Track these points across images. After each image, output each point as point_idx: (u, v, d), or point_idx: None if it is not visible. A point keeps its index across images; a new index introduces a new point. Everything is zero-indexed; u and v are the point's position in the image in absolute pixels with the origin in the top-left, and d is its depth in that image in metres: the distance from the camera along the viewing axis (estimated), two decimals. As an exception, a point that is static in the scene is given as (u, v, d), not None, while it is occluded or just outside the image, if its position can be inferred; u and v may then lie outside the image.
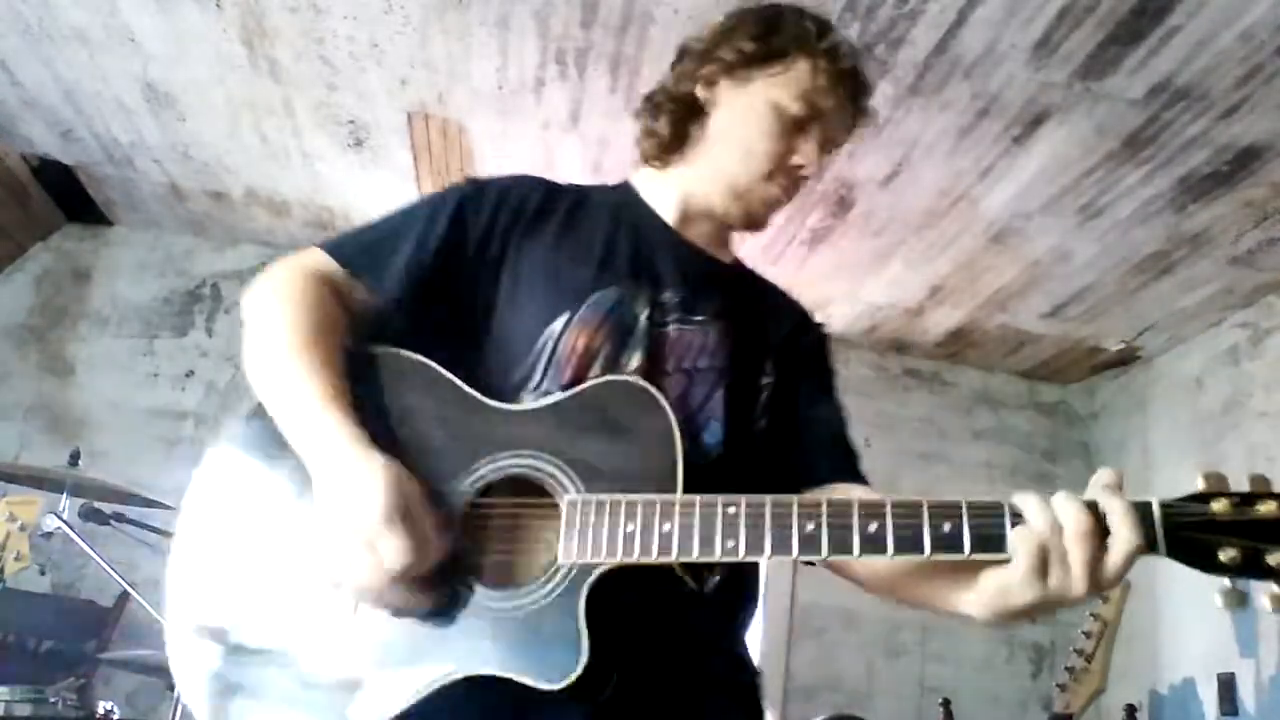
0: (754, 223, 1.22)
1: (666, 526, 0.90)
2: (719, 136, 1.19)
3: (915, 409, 4.12)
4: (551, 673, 0.88)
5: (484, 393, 1.03)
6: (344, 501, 0.93)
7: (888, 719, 3.71)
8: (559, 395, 1.02)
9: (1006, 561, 0.84)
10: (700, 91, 1.20)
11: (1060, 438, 4.22)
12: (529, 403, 1.03)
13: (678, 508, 0.91)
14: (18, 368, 3.63)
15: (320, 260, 1.12)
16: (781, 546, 0.88)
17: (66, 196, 3.59)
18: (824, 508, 0.88)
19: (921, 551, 0.84)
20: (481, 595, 0.95)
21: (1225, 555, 0.87)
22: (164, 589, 1.04)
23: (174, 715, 2.28)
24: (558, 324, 1.06)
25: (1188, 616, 3.49)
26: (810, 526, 0.88)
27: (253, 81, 2.79)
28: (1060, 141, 2.65)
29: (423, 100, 2.82)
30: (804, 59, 1.16)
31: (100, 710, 2.31)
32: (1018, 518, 0.84)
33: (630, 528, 0.91)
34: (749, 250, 1.32)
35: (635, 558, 0.90)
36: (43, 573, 2.93)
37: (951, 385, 4.19)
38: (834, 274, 3.56)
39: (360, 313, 1.11)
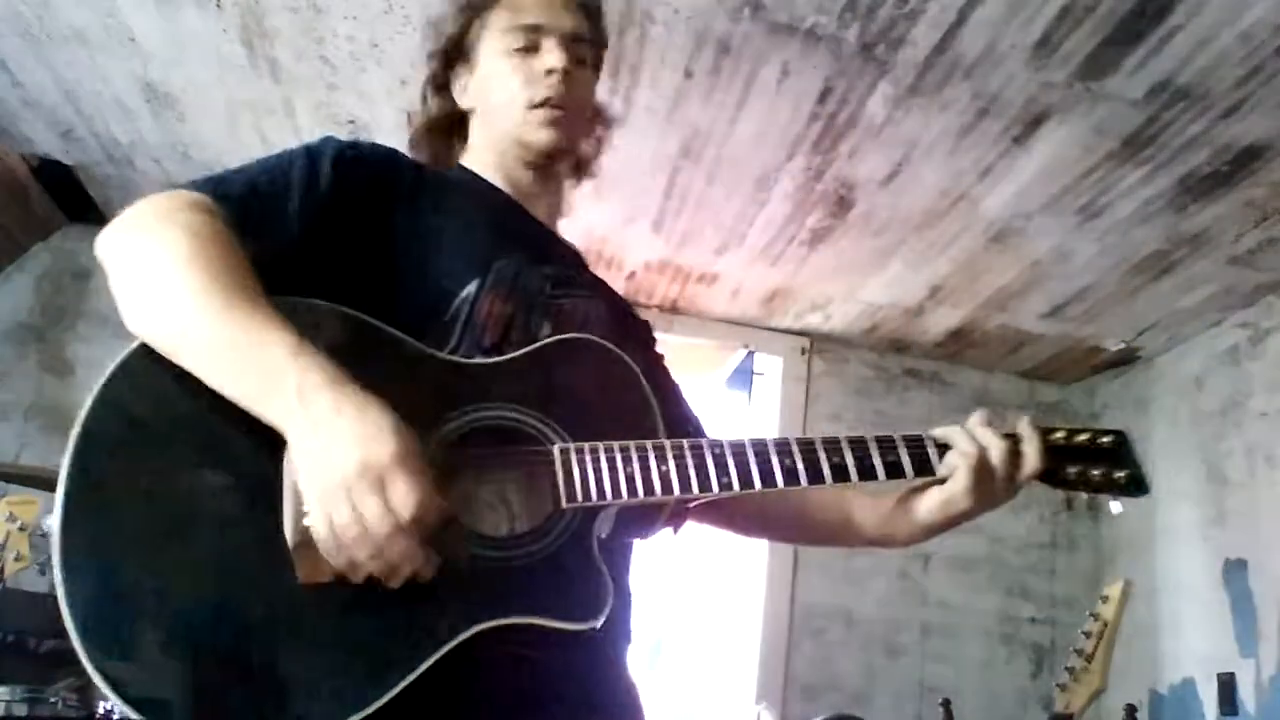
0: (552, 153, 1.24)
1: (663, 467, 0.97)
2: (483, 116, 1.27)
3: (915, 409, 4.12)
4: (584, 613, 0.90)
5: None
6: (342, 443, 0.81)
7: (888, 719, 3.71)
8: (515, 353, 1.01)
9: (939, 482, 1.11)
10: (456, 96, 1.29)
11: (1060, 438, 4.21)
12: (482, 359, 1.01)
13: (669, 450, 0.98)
14: (18, 368, 3.63)
15: (201, 200, 0.99)
16: (769, 479, 1.00)
17: (66, 196, 3.59)
18: (793, 444, 1.02)
19: (876, 477, 1.05)
20: (478, 547, 0.91)
21: (1067, 473, 1.15)
22: (68, 603, 0.82)
23: (174, 715, 2.27)
24: (470, 288, 1.06)
25: (1188, 616, 3.50)
26: (787, 461, 1.01)
27: (253, 81, 2.79)
28: (1060, 141, 2.65)
29: (423, 100, 2.82)
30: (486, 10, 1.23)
31: (100, 710, 2.30)
32: (943, 447, 1.11)
33: (629, 470, 0.96)
34: (751, 250, 1.33)
35: (640, 496, 0.95)
36: (43, 573, 2.92)
37: (951, 385, 4.19)
38: (834, 274, 3.56)
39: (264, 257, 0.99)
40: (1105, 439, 1.13)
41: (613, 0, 2.33)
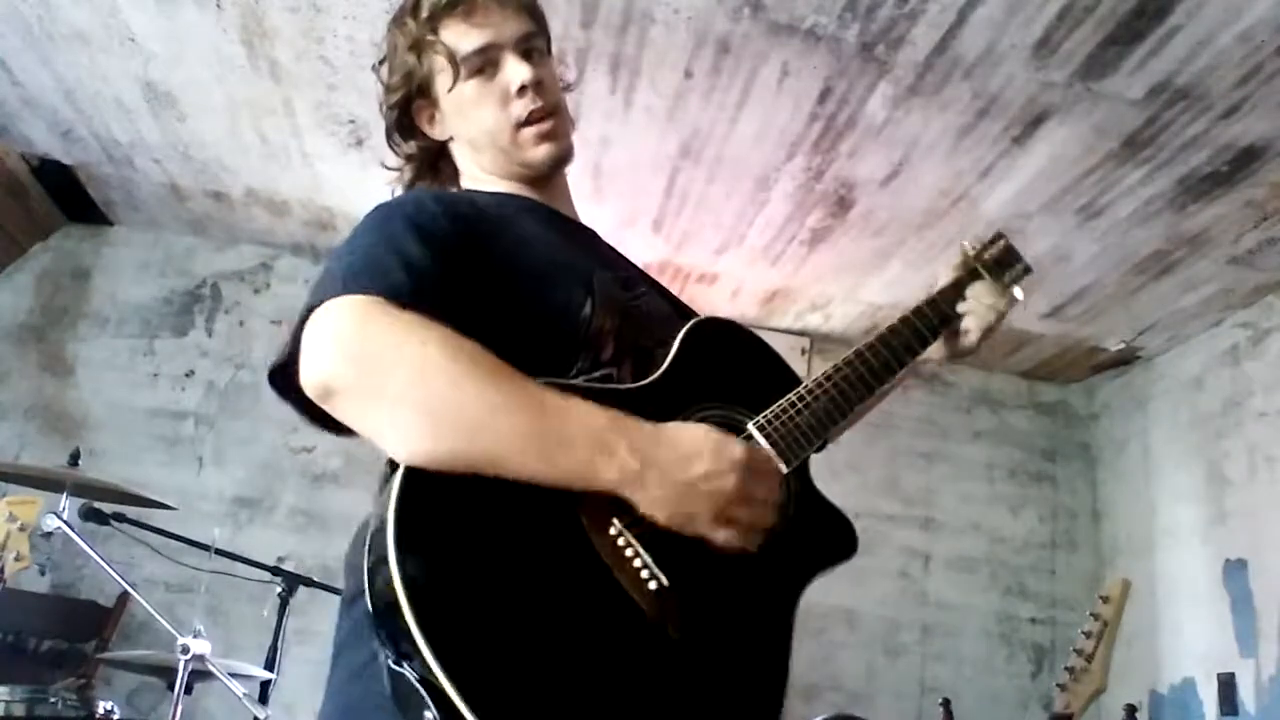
0: (556, 164, 1.23)
1: (821, 404, 1.11)
2: (468, 143, 1.23)
3: (915, 409, 4.12)
4: (851, 544, 1.11)
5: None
6: (705, 468, 0.92)
7: (888, 719, 3.71)
8: (669, 360, 1.07)
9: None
10: (426, 129, 1.24)
11: (1060, 438, 4.22)
12: (648, 373, 1.06)
13: (826, 381, 1.13)
14: (18, 368, 3.63)
15: (362, 302, 0.93)
16: (877, 375, 1.19)
17: (66, 196, 3.59)
18: (872, 343, 1.20)
19: (928, 342, 1.28)
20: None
21: (1006, 278, 1.38)
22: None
23: (174, 715, 2.28)
24: (587, 309, 1.08)
25: (1188, 616, 3.50)
26: (880, 357, 1.20)
27: (253, 81, 2.79)
28: (1060, 141, 2.65)
29: (423, 100, 2.82)
30: (431, 35, 1.18)
31: (100, 710, 2.30)
32: (957, 297, 1.33)
33: (805, 418, 1.08)
34: (751, 250, 1.35)
35: (825, 435, 1.10)
36: (43, 573, 2.92)
37: (951, 385, 4.19)
38: (834, 274, 3.56)
39: None
40: (1001, 243, 1.41)
41: (613, 0, 2.33)
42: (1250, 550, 3.25)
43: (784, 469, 1.04)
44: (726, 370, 1.10)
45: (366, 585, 0.86)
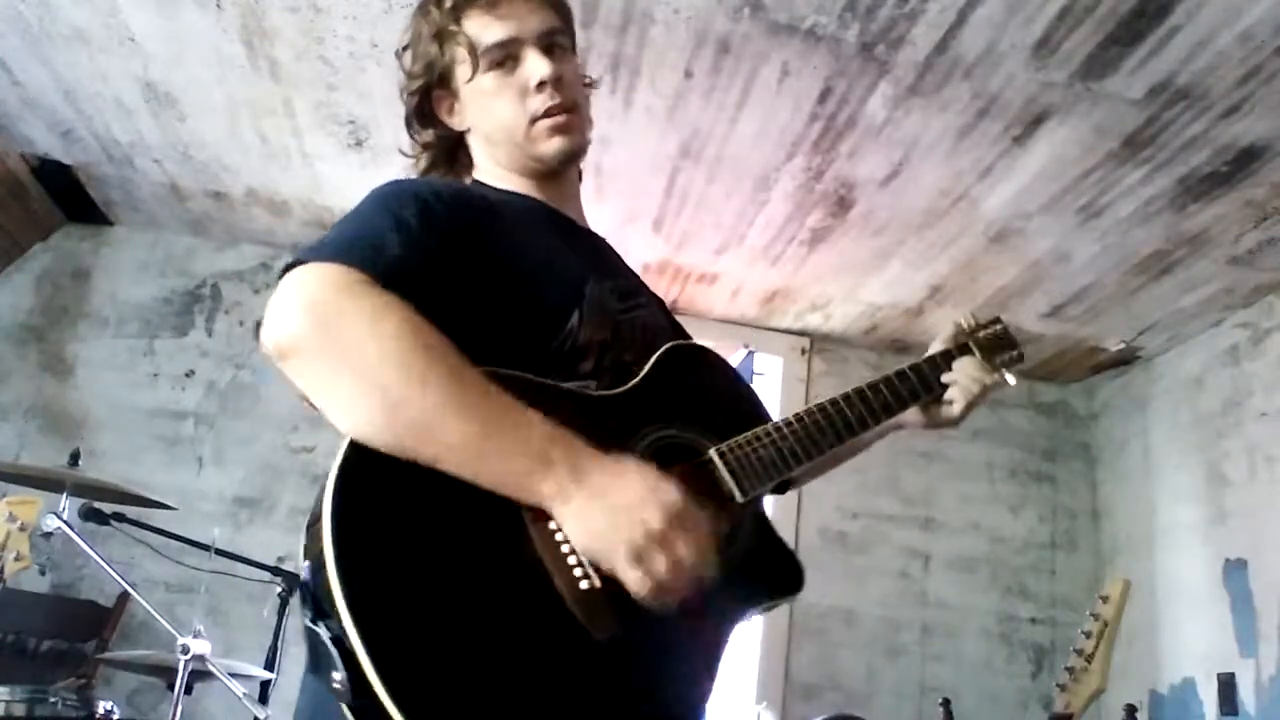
0: (569, 158, 1.23)
1: (788, 443, 1.11)
2: (484, 136, 1.24)
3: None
4: (797, 582, 1.08)
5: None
6: (633, 505, 0.88)
7: (888, 719, 3.71)
8: (642, 373, 1.08)
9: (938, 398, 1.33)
10: (445, 118, 1.26)
11: (1060, 438, 4.22)
12: (621, 386, 1.07)
13: (784, 428, 1.12)
14: (18, 368, 3.63)
15: (360, 277, 0.92)
16: (850, 428, 1.19)
17: (66, 196, 3.59)
18: (850, 395, 1.21)
19: (906, 405, 1.29)
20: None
21: (998, 360, 1.40)
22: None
23: (174, 715, 2.28)
24: (574, 319, 1.08)
25: (1188, 616, 3.50)
26: (855, 410, 1.20)
27: (253, 81, 2.79)
28: (1060, 141, 2.65)
29: (423, 100, 2.82)
30: (454, 25, 1.19)
31: (100, 710, 2.30)
32: (943, 368, 1.33)
33: (769, 453, 1.09)
34: (751, 250, 1.36)
35: (797, 467, 1.11)
36: (43, 573, 2.92)
37: (951, 385, 4.18)
38: (834, 274, 3.56)
39: None
40: (998, 327, 1.42)
41: (613, 0, 2.33)
42: (1250, 550, 3.25)
43: (739, 498, 1.05)
44: (698, 395, 1.11)
45: (303, 545, 0.88)
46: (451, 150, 1.28)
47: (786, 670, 3.73)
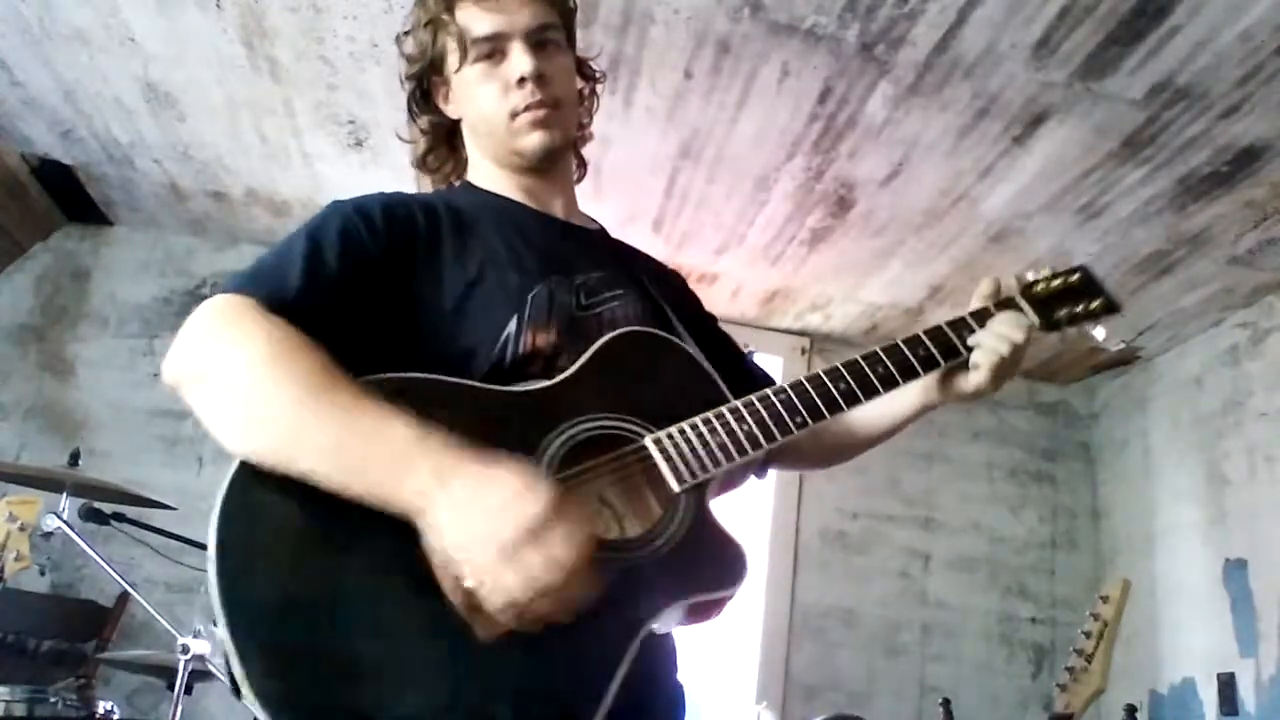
0: (548, 155, 1.22)
1: (745, 426, 1.04)
2: (470, 127, 1.26)
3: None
4: (732, 577, 0.99)
5: None
6: (491, 514, 0.85)
7: (888, 719, 3.71)
8: (577, 365, 1.05)
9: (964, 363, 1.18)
10: (441, 105, 1.27)
11: (1060, 438, 4.22)
12: (548, 380, 1.05)
13: (743, 410, 1.05)
14: (18, 368, 3.63)
15: (250, 303, 0.98)
16: (833, 405, 1.09)
17: (66, 196, 3.59)
18: (839, 368, 1.11)
19: (918, 374, 1.15)
20: (628, 551, 0.97)
21: (1058, 316, 1.23)
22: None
23: (174, 715, 2.28)
24: (510, 328, 1.08)
25: (1188, 616, 3.50)
26: (841, 385, 1.10)
27: (253, 81, 2.79)
28: (1060, 141, 2.65)
29: (423, 100, 2.82)
30: (446, 15, 1.20)
31: (100, 710, 2.31)
32: (961, 331, 1.17)
33: (718, 439, 1.02)
34: (751, 250, 1.34)
35: (735, 460, 1.03)
36: (43, 573, 2.93)
37: (951, 385, 4.18)
38: (834, 274, 3.56)
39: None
40: (1074, 277, 1.25)
41: (613, 0, 2.33)
42: (1250, 550, 3.25)
43: (675, 487, 1.00)
44: (643, 383, 1.06)
45: None
46: (448, 138, 1.30)
47: (786, 670, 3.73)
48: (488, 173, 1.26)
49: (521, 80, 1.16)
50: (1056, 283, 1.22)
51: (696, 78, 2.58)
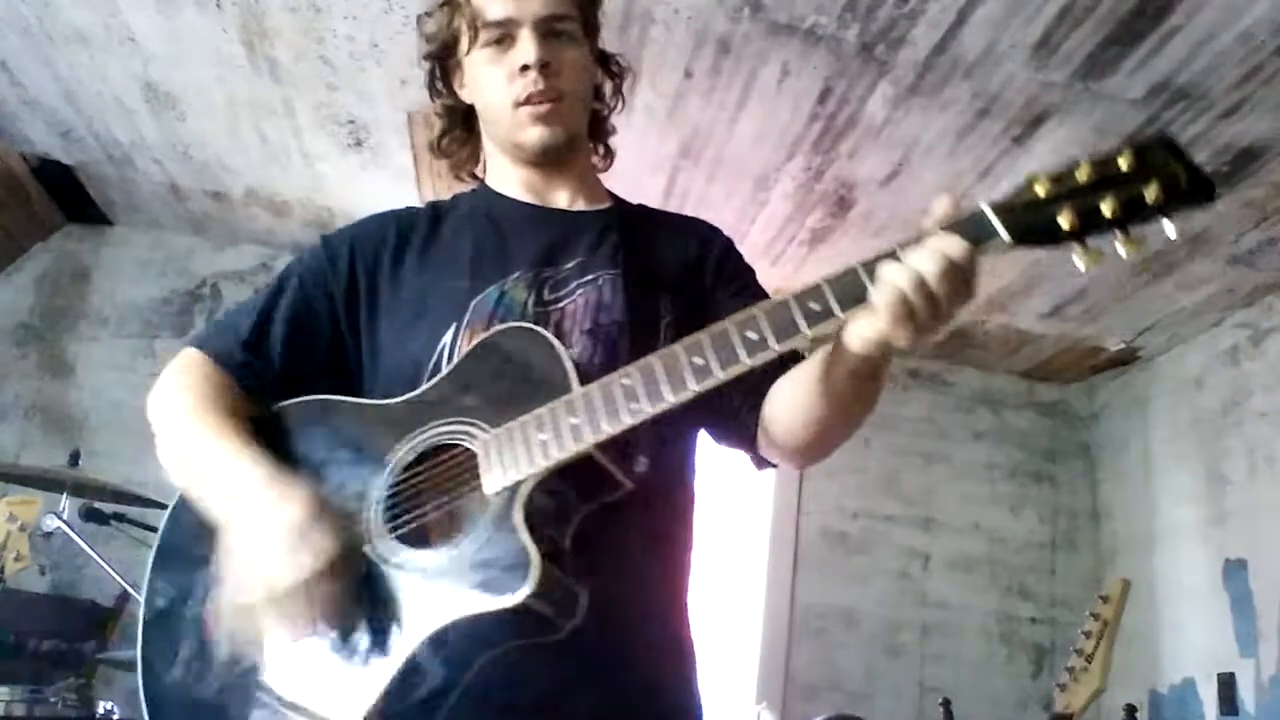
0: (547, 149, 1.21)
1: (574, 420, 0.93)
2: (481, 114, 1.27)
3: (915, 409, 4.12)
4: (509, 588, 0.88)
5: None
6: (260, 523, 0.97)
7: (887, 719, 3.71)
8: (442, 373, 1.07)
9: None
10: (456, 89, 1.28)
11: (1060, 438, 4.22)
12: (414, 392, 1.08)
13: (579, 400, 0.94)
14: (18, 368, 3.63)
15: (198, 357, 1.19)
16: (679, 386, 0.90)
17: (66, 196, 3.59)
18: (704, 337, 0.92)
19: (799, 331, 0.91)
20: (427, 559, 0.96)
21: (1065, 220, 0.88)
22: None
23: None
24: (447, 337, 1.11)
25: (1188, 616, 3.50)
26: (698, 360, 0.90)
27: (253, 81, 2.79)
28: (1060, 141, 2.65)
29: (423, 100, 2.80)
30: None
31: (100, 710, 2.31)
32: (872, 271, 0.93)
33: (542, 436, 0.94)
34: (751, 250, 1.32)
35: (555, 458, 0.93)
36: (43, 573, 2.92)
37: (952, 385, 4.19)
38: (834, 274, 3.55)
39: (255, 390, 1.17)
40: (1121, 157, 0.91)
41: (613, 0, 2.33)
42: (1250, 550, 3.25)
43: (485, 491, 0.95)
44: (498, 382, 1.01)
45: None
46: (465, 120, 1.30)
47: (786, 670, 3.73)
48: (497, 164, 1.28)
49: (525, 68, 1.15)
50: (1082, 173, 0.87)
51: (696, 77, 2.58)
